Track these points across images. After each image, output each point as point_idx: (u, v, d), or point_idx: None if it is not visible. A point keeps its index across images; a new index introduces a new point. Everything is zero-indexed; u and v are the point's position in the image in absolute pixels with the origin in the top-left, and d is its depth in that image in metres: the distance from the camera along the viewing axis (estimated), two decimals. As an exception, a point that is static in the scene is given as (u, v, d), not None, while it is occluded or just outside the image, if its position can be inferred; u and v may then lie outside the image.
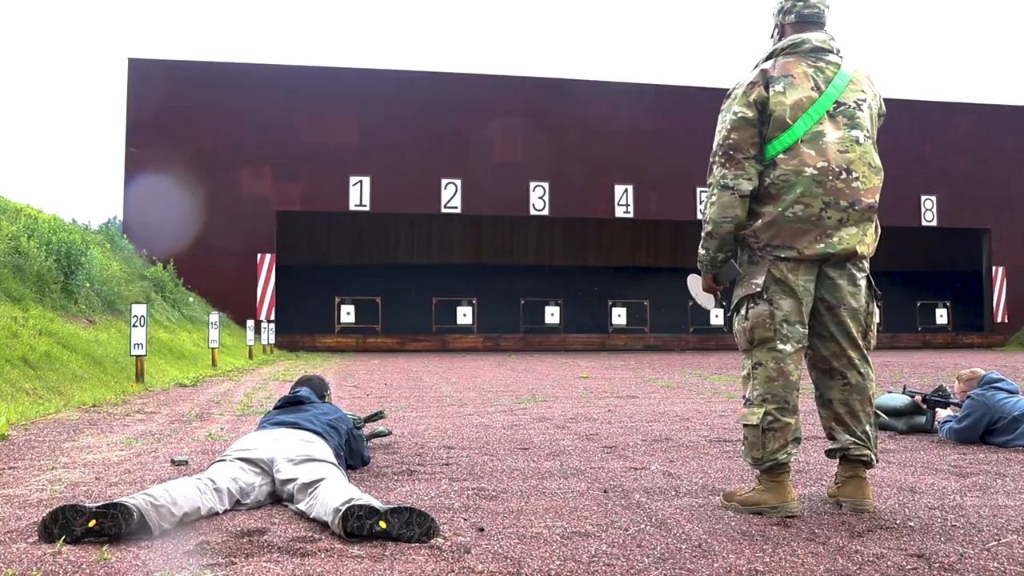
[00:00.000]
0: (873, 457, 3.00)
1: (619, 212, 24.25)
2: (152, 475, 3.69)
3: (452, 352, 22.25)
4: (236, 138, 22.20)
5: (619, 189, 24.11)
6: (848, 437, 2.98)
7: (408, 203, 23.41)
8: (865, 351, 3.03)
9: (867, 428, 3.00)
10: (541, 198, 23.74)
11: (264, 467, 3.07)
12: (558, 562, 2.33)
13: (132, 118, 22.15)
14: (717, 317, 25.86)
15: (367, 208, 22.94)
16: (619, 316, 26.54)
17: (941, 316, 28.15)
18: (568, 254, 27.93)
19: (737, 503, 2.98)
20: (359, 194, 22.87)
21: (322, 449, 3.20)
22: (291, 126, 22.50)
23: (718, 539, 2.59)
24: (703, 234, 3.09)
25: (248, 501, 2.98)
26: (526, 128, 23.85)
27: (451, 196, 23.29)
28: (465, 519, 2.85)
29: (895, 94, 29.89)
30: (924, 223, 26.37)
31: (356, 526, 2.50)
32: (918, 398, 5.08)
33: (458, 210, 23.44)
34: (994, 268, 26.82)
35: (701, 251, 3.10)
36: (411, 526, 2.50)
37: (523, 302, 26.18)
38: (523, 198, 23.73)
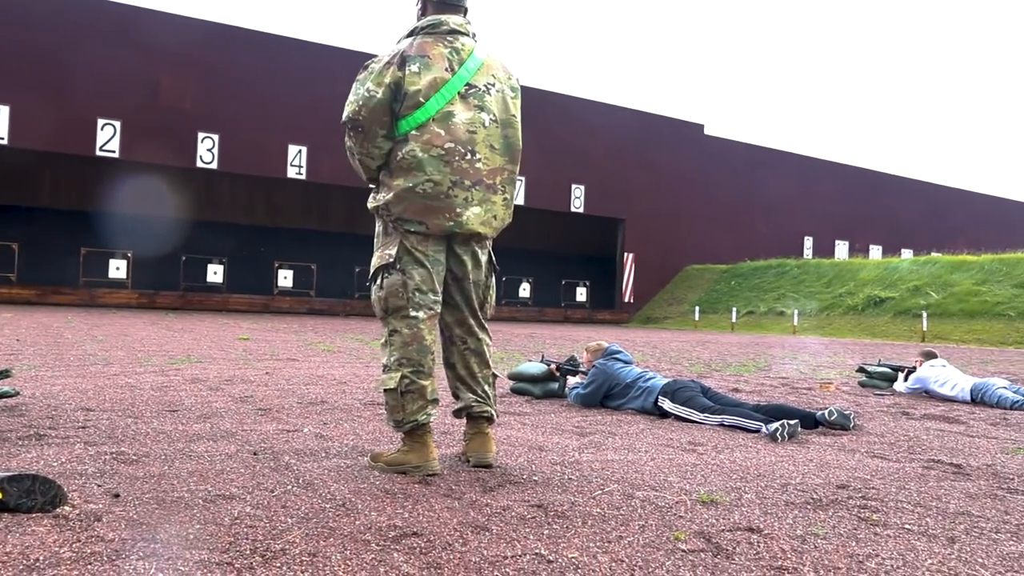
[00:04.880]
0: (493, 413, 3.28)
1: (291, 173, 23.73)
2: None
3: (102, 308, 20.48)
4: None
5: (292, 149, 23.57)
6: (471, 395, 3.25)
7: (55, 141, 20.97)
8: (483, 320, 3.31)
9: (486, 388, 3.28)
10: (210, 150, 22.50)
11: None
12: (198, 526, 2.30)
13: None
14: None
15: (5, 142, 20.22)
16: (285, 278, 26.08)
17: (581, 294, 31.24)
18: (236, 211, 26.80)
19: (383, 463, 3.12)
20: (-4, 126, 20.11)
21: (-71, 412, 2.85)
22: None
23: (362, 498, 2.68)
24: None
25: None
26: (198, 75, 22.42)
27: (109, 138, 21.27)
28: (99, 485, 2.69)
29: (555, 89, 32.20)
30: (573, 209, 28.97)
31: (-34, 497, 2.27)
32: (553, 366, 5.64)
33: (116, 154, 21.47)
34: (625, 254, 30.26)
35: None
36: (33, 495, 2.32)
37: (184, 258, 24.75)
38: (191, 148, 22.34)
